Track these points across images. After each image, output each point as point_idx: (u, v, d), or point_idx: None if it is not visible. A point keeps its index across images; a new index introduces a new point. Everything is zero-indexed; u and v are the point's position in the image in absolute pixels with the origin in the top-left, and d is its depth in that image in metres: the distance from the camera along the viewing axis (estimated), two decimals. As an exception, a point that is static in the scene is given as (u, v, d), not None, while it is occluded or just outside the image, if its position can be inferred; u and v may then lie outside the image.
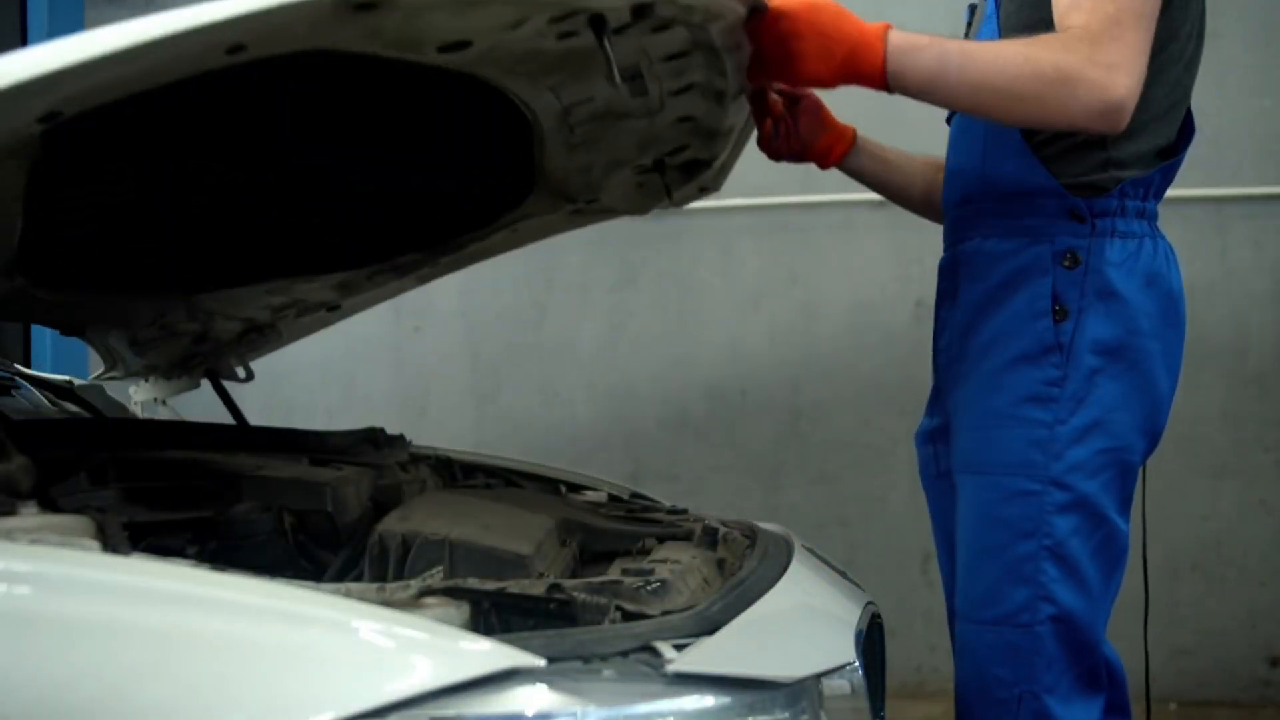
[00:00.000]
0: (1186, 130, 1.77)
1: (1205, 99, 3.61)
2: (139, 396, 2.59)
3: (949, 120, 1.91)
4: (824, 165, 2.02)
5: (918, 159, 2.09)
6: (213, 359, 2.55)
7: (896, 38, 1.59)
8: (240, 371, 2.61)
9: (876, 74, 1.59)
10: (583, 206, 2.17)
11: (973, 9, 1.94)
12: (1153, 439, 1.74)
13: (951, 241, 1.86)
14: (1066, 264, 1.67)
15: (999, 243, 1.74)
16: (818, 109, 1.98)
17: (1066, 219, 1.69)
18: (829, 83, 1.63)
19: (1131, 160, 1.70)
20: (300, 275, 2.23)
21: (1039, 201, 1.70)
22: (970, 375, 1.77)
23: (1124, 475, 1.71)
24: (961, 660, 1.76)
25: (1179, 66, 1.72)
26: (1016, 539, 1.67)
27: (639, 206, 2.24)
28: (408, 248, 2.28)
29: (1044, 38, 1.57)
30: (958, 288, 1.82)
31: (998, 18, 1.75)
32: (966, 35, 1.91)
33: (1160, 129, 1.72)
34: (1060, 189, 1.69)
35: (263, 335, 2.53)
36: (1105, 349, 1.67)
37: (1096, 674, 1.72)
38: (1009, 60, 1.55)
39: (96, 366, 3.34)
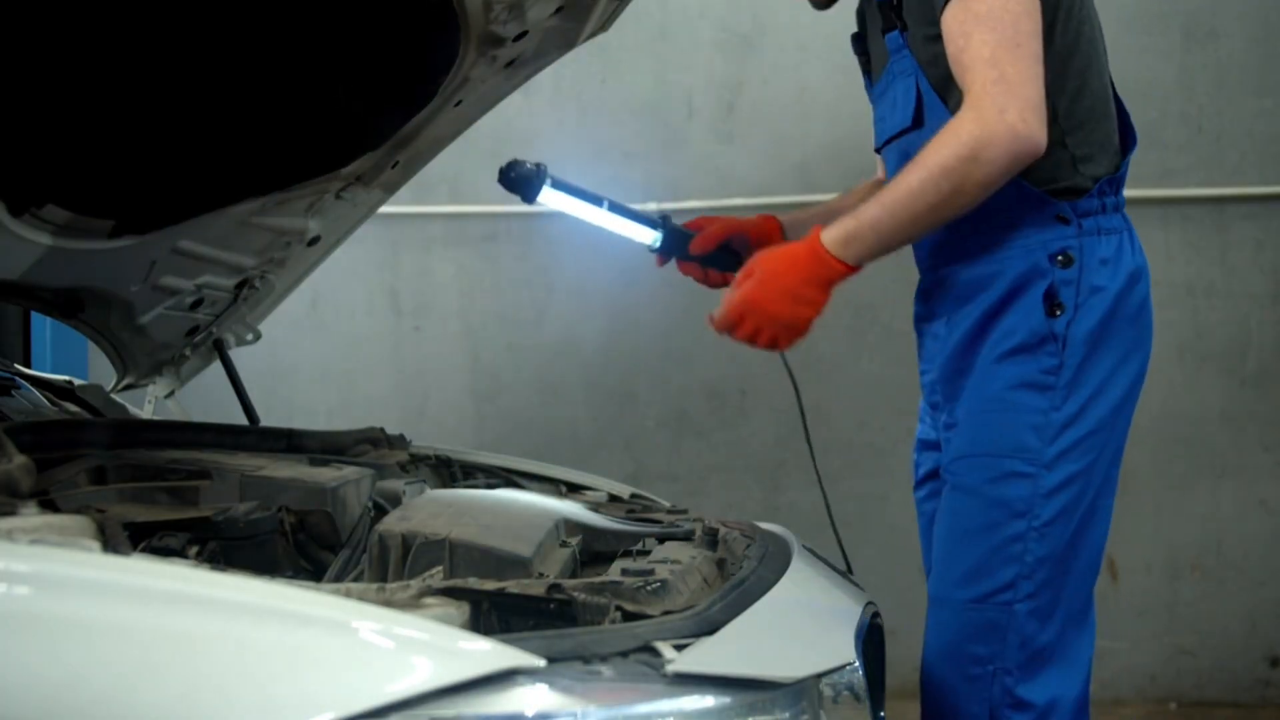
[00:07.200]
0: (1128, 126, 1.82)
1: (1205, 99, 3.65)
2: (158, 391, 2.61)
3: (878, 150, 1.93)
4: None
5: (856, 190, 2.13)
6: (217, 326, 2.56)
7: (832, 242, 1.69)
8: (249, 335, 2.64)
9: (844, 275, 1.71)
10: (514, 51, 2.12)
11: (859, 37, 1.96)
12: (1129, 417, 1.79)
13: (933, 265, 1.86)
14: (1060, 263, 1.71)
15: (988, 261, 1.75)
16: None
17: (1054, 224, 1.71)
18: (818, 312, 1.74)
19: (1098, 154, 1.74)
20: (262, 193, 2.24)
21: (1025, 213, 1.72)
22: (970, 374, 1.78)
23: (1113, 455, 1.77)
24: (933, 640, 1.78)
25: (1100, 58, 1.77)
26: (1010, 518, 1.71)
27: (571, 32, 2.17)
28: (360, 149, 2.27)
29: (927, 147, 1.64)
30: (941, 310, 1.83)
31: (908, 47, 1.76)
32: (865, 70, 1.94)
33: (1107, 125, 1.78)
34: (1044, 195, 1.71)
35: (256, 290, 2.54)
36: (1092, 339, 1.71)
37: (1046, 653, 1.74)
38: (912, 189, 1.64)
39: (97, 366, 3.34)
